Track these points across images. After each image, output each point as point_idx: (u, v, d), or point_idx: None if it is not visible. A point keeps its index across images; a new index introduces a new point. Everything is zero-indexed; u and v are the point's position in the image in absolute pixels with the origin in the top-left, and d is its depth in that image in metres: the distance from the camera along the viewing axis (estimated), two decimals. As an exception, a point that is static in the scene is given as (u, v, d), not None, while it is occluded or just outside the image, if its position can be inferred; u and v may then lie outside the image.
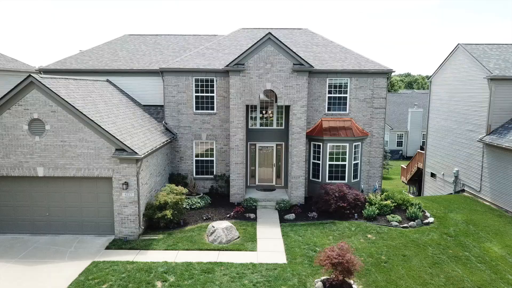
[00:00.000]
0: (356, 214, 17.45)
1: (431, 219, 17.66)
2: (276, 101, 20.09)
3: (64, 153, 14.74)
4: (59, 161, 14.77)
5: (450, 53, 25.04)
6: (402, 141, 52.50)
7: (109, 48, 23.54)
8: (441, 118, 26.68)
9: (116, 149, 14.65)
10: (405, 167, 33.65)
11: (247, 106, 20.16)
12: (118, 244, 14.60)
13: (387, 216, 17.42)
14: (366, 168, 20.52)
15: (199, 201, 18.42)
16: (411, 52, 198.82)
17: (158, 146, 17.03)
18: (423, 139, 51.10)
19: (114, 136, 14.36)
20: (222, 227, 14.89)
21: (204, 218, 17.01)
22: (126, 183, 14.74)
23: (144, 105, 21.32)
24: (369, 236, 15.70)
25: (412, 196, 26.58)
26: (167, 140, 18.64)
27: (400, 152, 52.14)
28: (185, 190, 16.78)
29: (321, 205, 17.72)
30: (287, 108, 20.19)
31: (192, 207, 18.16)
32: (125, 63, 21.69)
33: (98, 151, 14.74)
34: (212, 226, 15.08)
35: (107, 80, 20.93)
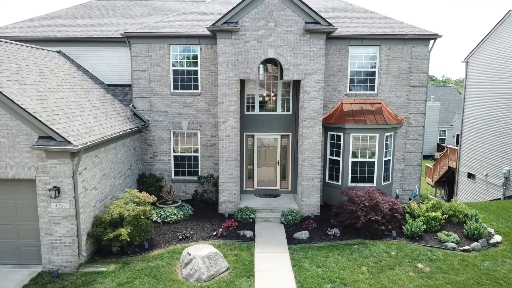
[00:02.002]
0: (394, 231, 12.44)
1: (497, 238, 12.65)
2: (281, 76, 15.06)
3: (-38, 143, 9.70)
4: (-46, 155, 9.74)
5: (498, 23, 20.01)
6: (416, 138, 47.42)
7: (68, 14, 18.48)
8: (482, 105, 21.65)
9: (40, 137, 9.62)
10: (431, 166, 28.60)
11: (242, 82, 15.12)
12: (44, 281, 9.58)
13: (438, 234, 12.39)
14: (400, 167, 15.48)
15: (175, 212, 13.37)
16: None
17: (115, 135, 12.00)
18: (441, 135, 46.13)
19: (33, 116, 9.31)
20: (202, 255, 9.85)
21: (180, 237, 11.97)
22: (57, 189, 9.71)
23: (108, 85, 16.30)
24: (420, 266, 10.66)
25: (444, 202, 21.53)
26: (132, 129, 13.60)
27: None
28: (152, 198, 11.72)
29: (345, 217, 12.69)
30: (297, 84, 15.15)
31: (166, 220, 13.12)
32: (84, 30, 16.65)
33: (12, 140, 9.70)
34: (188, 254, 10.02)
35: (59, 52, 15.90)
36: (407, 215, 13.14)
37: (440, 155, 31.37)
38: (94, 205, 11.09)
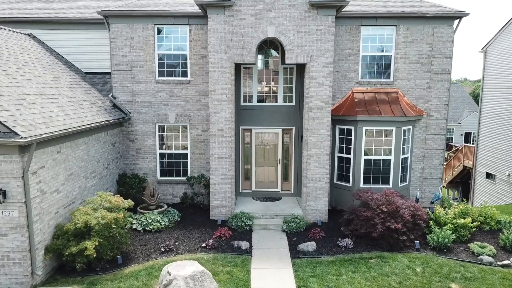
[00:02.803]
0: (417, 242, 10.47)
1: (539, 249, 10.68)
2: (283, 60, 13.11)
3: None
4: None
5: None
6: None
7: (43, -5, 16.50)
8: (502, 98, 19.67)
9: (-21, 127, 7.64)
10: (444, 165, 26.57)
11: (237, 67, 13.15)
12: (-14, 308, 7.61)
13: (470, 245, 10.42)
14: (419, 166, 13.50)
15: (159, 218, 11.38)
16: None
17: (85, 128, 10.02)
18: (448, 134, 44.14)
19: (-33, 100, 7.34)
20: (185, 275, 7.85)
21: (163, 249, 9.99)
22: (2, 192, 7.73)
23: (86, 73, 14.33)
24: (453, 287, 8.68)
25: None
26: (108, 121, 11.62)
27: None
28: (127, 203, 9.72)
29: (358, 225, 10.71)
30: (301, 70, 13.18)
31: (147, 228, 11.14)
32: (59, 11, 14.68)
33: None
34: (168, 273, 8.01)
35: (29, 34, 13.92)
36: (431, 222, 11.17)
37: (449, 155, 29.42)
38: (56, 211, 9.10)
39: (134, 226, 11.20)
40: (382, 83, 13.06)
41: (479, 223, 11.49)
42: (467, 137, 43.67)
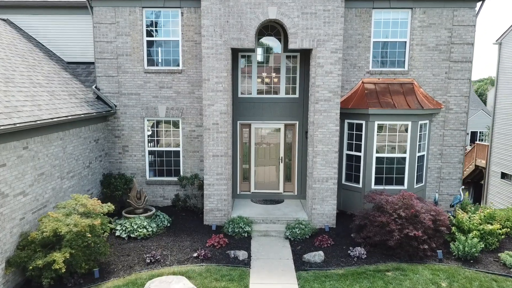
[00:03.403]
0: (439, 251, 9.16)
1: None
2: (286, 46, 11.81)
3: None
4: None
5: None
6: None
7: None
8: (520, 93, 18.36)
9: None
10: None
11: (234, 53, 11.84)
12: None
13: (501, 255, 9.10)
14: (436, 165, 12.19)
15: (146, 224, 10.06)
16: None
17: (60, 121, 8.71)
18: (454, 133, 42.72)
19: None
20: (170, 295, 6.54)
21: (148, 260, 8.67)
22: (-51, 196, 6.42)
23: (69, 62, 13.02)
24: (488, 306, 7.37)
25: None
26: (89, 114, 10.31)
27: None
28: (108, 208, 8.38)
29: (372, 232, 9.39)
30: (306, 56, 11.87)
31: (132, 235, 9.83)
32: (39, -5, 13.36)
33: None
34: (149, 291, 6.71)
35: (6, 20, 12.62)
36: (453, 228, 9.86)
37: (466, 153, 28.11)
38: (22, 217, 7.79)
39: (117, 233, 9.89)
40: (395, 73, 11.75)
41: (508, 229, 10.18)
42: (473, 136, 42.33)
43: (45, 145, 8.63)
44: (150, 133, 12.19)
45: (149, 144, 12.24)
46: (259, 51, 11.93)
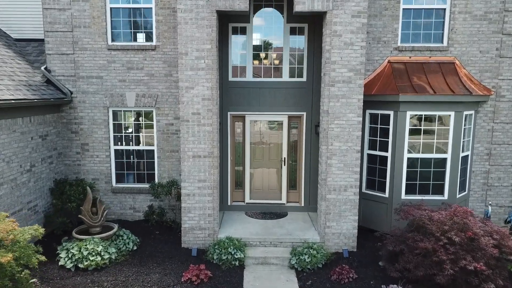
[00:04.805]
0: (508, 290, 6.51)
1: None
2: (290, 15, 9.17)
3: None
4: None
5: None
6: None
7: None
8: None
9: None
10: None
11: (223, 23, 9.19)
12: None
13: None
14: (482, 168, 9.53)
15: (101, 249, 7.38)
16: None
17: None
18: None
19: None
20: None
21: (94, 306, 6.01)
22: None
23: (17, 39, 10.39)
24: None
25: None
26: (28, 101, 7.65)
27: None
28: (33, 231, 5.70)
29: (412, 263, 6.72)
30: (317, 25, 9.22)
31: (82, 265, 7.16)
32: (-18, -43, 10.73)
33: None
34: None
35: None
36: (519, 254, 7.19)
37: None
38: None
39: (61, 262, 7.24)
40: (431, 49, 9.10)
41: None
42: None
43: None
44: (116, 127, 9.55)
45: (116, 142, 9.60)
46: (256, 21, 9.27)
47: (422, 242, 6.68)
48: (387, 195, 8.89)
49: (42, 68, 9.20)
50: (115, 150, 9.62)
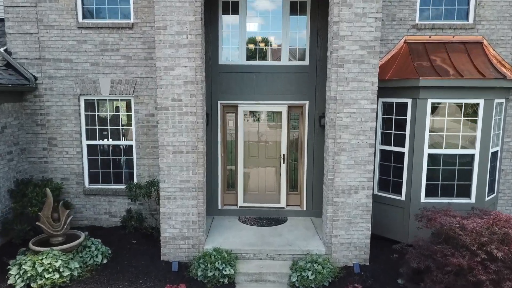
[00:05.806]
0: None
1: None
2: (289, -11, 7.87)
3: None
4: None
5: None
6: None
7: None
8: None
9: None
10: None
11: None
12: None
13: None
14: (513, 166, 8.24)
15: (59, 264, 6.07)
16: None
17: None
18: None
19: None
20: None
21: None
22: None
23: (-21, 21, 9.11)
24: None
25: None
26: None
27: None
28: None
29: (441, 283, 5.41)
30: (320, 1, 7.91)
31: (33, 285, 5.85)
32: None
33: None
34: None
35: None
36: None
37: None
38: None
39: (10, 281, 5.94)
40: (455, 27, 7.80)
41: None
42: None
43: None
44: (90, 119, 8.25)
45: (88, 136, 8.30)
46: (250, -4, 7.97)
47: (454, 258, 5.38)
48: (403, 197, 7.58)
49: (1, 49, 7.91)
50: (88, 146, 8.32)
